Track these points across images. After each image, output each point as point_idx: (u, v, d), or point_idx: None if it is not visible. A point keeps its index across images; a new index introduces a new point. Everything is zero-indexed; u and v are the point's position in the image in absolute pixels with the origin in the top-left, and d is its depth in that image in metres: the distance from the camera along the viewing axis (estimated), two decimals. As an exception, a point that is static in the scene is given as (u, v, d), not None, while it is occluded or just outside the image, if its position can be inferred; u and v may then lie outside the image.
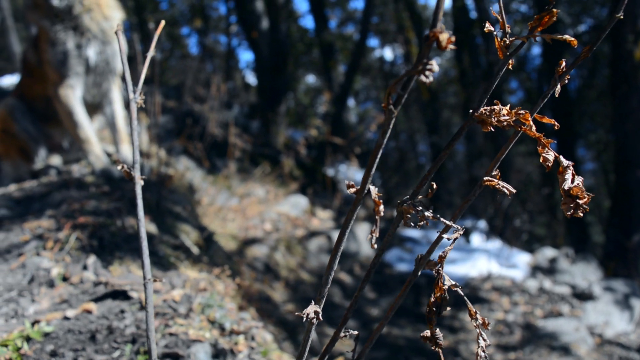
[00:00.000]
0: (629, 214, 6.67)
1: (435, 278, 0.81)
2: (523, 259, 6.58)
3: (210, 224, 4.52)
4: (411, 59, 11.64)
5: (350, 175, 8.38)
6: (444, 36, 0.47)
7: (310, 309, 0.74)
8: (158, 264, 2.15)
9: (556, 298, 5.62)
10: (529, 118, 0.68)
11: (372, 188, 0.64)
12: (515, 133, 0.72)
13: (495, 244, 7.20)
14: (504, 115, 0.67)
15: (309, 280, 5.50)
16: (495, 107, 0.67)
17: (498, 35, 0.68)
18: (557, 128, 0.70)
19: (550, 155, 0.72)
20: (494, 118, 0.67)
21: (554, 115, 10.16)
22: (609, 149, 11.64)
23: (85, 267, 1.96)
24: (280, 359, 1.66)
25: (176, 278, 1.94)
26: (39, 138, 3.76)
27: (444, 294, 0.77)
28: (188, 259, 2.32)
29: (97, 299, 1.71)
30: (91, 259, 1.98)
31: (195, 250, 2.58)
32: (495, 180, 0.71)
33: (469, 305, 0.79)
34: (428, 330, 0.84)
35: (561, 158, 0.71)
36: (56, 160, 3.98)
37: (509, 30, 0.66)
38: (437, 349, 0.83)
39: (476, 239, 7.55)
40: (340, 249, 0.71)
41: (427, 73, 0.49)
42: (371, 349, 0.84)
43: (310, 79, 19.47)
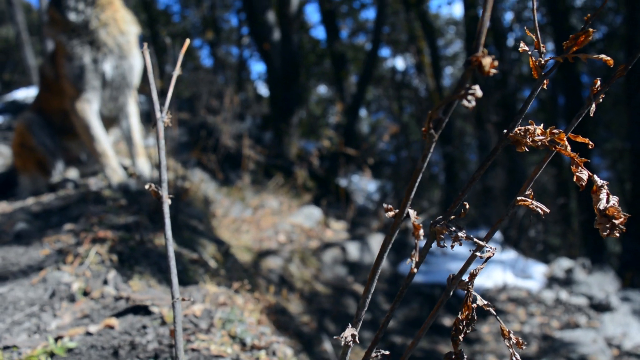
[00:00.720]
0: (646, 223, 6.60)
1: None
2: (539, 270, 6.51)
3: (225, 236, 4.53)
4: (423, 69, 11.63)
5: (364, 186, 8.36)
6: (487, 60, 0.47)
7: (347, 333, 0.73)
8: (177, 278, 2.15)
9: (573, 309, 5.55)
10: (564, 138, 0.67)
11: (412, 212, 0.64)
12: (549, 153, 0.71)
13: (511, 254, 7.13)
14: (539, 135, 0.67)
15: (324, 291, 5.48)
16: (530, 127, 0.66)
17: (533, 55, 0.67)
18: (592, 147, 0.69)
19: (584, 174, 0.71)
20: (528, 138, 0.66)
21: (568, 123, 10.08)
22: (625, 158, 11.53)
23: (105, 282, 1.97)
24: (301, 374, 1.65)
25: (196, 292, 1.94)
26: (56, 151, 3.80)
27: (472, 313, 0.76)
28: (206, 273, 2.33)
29: (119, 314, 1.72)
30: (111, 274, 1.99)
31: (213, 264, 2.58)
32: (529, 200, 0.71)
33: (501, 325, 0.79)
34: (452, 350, 0.83)
35: (595, 177, 0.70)
36: (73, 173, 4.01)
37: (544, 50, 0.66)
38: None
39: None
40: (378, 273, 0.71)
41: (470, 98, 0.49)
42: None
43: (322, 89, 19.52)
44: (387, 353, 0.81)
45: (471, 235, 0.71)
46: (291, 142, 8.39)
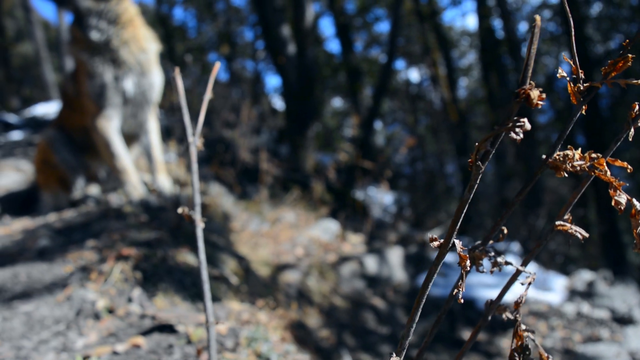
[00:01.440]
0: (668, 234, 6.48)
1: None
2: (559, 283, 6.43)
3: (243, 251, 4.54)
4: (438, 81, 11.63)
5: (380, 198, 8.34)
6: (535, 93, 0.47)
7: (391, 361, 0.73)
8: (199, 295, 2.16)
9: (595, 322, 5.46)
10: (603, 163, 0.67)
11: (457, 242, 0.64)
12: (587, 177, 0.71)
13: (530, 266, 7.06)
14: (578, 161, 0.66)
15: (342, 305, 5.45)
16: (569, 153, 0.66)
17: (571, 81, 0.67)
18: (631, 172, 0.69)
19: (623, 198, 0.70)
20: (568, 164, 0.66)
21: (586, 133, 10.01)
22: (644, 167, 11.38)
23: (130, 300, 1.98)
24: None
25: (220, 310, 1.95)
26: (77, 168, 3.84)
27: (524, 342, 0.76)
28: (229, 290, 2.33)
29: (145, 333, 1.72)
30: (136, 291, 2.00)
31: (234, 280, 2.58)
32: (568, 225, 0.70)
33: (540, 350, 0.78)
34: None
35: (634, 201, 0.70)
36: (94, 189, 4.05)
37: (582, 76, 0.66)
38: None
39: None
40: (422, 302, 0.71)
41: (518, 130, 0.49)
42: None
43: (337, 102, 19.58)
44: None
45: (510, 261, 0.70)
46: (307, 155, 8.41)
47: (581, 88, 0.65)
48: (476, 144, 0.52)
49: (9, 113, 16.58)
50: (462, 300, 0.64)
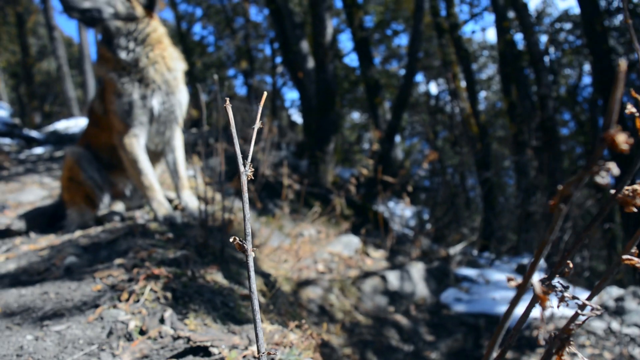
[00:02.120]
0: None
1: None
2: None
3: (266, 267, 4.53)
4: (458, 94, 11.59)
5: (401, 212, 8.29)
6: (621, 138, 0.46)
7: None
8: (230, 316, 2.15)
9: (626, 340, 5.33)
10: (674, 195, 0.65)
11: (536, 282, 0.62)
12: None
13: (555, 282, 6.94)
14: (648, 195, 0.64)
15: (365, 322, 5.41)
16: (637, 188, 0.64)
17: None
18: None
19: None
20: (637, 199, 0.64)
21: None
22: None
23: (162, 321, 1.98)
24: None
25: (252, 331, 1.94)
26: (103, 185, 3.88)
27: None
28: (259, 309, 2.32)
29: (179, 355, 1.72)
30: (167, 312, 2.00)
31: (262, 299, 2.57)
32: (635, 259, 0.68)
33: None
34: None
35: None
36: (119, 206, 4.08)
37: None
38: None
39: (535, 278, 7.30)
40: (504, 329, 0.69)
41: (603, 174, 0.47)
42: None
43: (355, 115, 19.61)
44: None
45: (577, 296, 0.68)
46: (327, 170, 8.41)
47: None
48: (559, 187, 0.50)
49: (31, 129, 16.89)
50: (543, 342, 0.62)
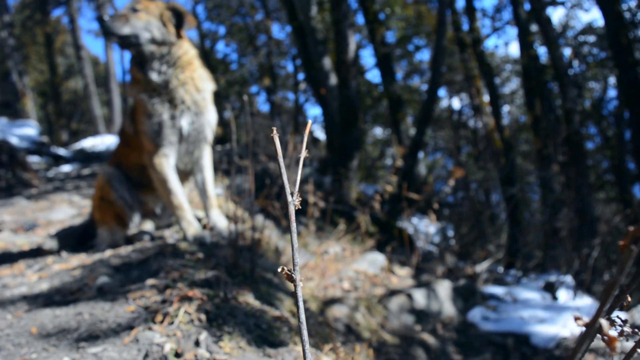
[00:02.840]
0: None
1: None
2: (618, 317, 6.15)
3: (291, 284, 4.51)
4: (481, 109, 11.52)
5: (426, 229, 8.22)
6: None
7: None
8: (264, 338, 2.14)
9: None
10: None
11: (604, 322, 0.61)
12: None
13: (585, 300, 6.78)
14: None
15: (392, 341, 5.35)
16: None
17: None
18: None
19: None
20: None
21: (636, 160, 9.72)
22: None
23: (197, 343, 1.98)
24: None
25: (287, 354, 1.93)
26: (133, 204, 3.92)
27: None
28: (291, 331, 2.31)
29: (215, 380, 1.71)
30: (203, 335, 2.00)
31: (293, 321, 2.56)
32: None
33: None
34: None
35: None
36: (148, 225, 4.12)
37: None
38: None
39: (563, 296, 7.15)
40: None
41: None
42: None
43: (377, 130, 19.61)
44: None
45: (637, 331, 0.66)
46: (351, 187, 8.40)
47: None
48: (630, 228, 0.49)
49: (59, 146, 17.23)
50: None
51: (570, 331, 5.84)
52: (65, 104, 24.51)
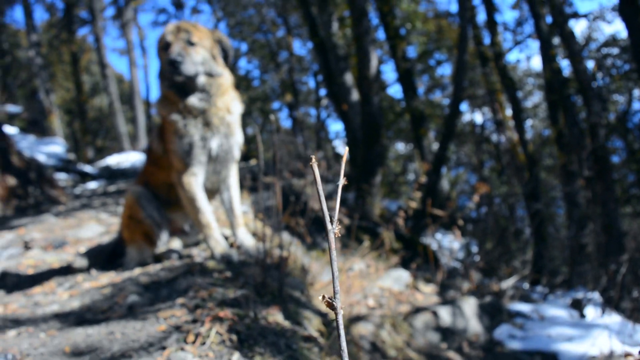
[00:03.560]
0: None
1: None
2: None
3: (317, 302, 4.51)
4: (504, 123, 11.45)
5: (450, 245, 8.16)
6: None
7: None
8: (294, 359, 2.15)
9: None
10: None
11: None
12: None
13: (614, 318, 6.64)
14: None
15: (417, 359, 5.30)
16: None
17: None
18: None
19: None
20: None
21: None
22: None
23: (229, 365, 1.99)
24: None
25: (319, 377, 1.94)
26: (161, 222, 3.97)
27: None
28: (321, 352, 2.32)
29: (249, 403, 1.72)
30: (235, 356, 2.02)
31: (322, 340, 2.57)
32: None
33: None
34: None
35: None
36: (176, 243, 4.17)
37: None
38: None
39: (591, 313, 7.02)
40: None
41: None
42: None
43: (399, 146, 19.58)
44: None
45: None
46: (374, 203, 8.39)
47: None
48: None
49: (84, 163, 17.53)
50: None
51: (599, 350, 5.72)
52: (90, 121, 24.98)
